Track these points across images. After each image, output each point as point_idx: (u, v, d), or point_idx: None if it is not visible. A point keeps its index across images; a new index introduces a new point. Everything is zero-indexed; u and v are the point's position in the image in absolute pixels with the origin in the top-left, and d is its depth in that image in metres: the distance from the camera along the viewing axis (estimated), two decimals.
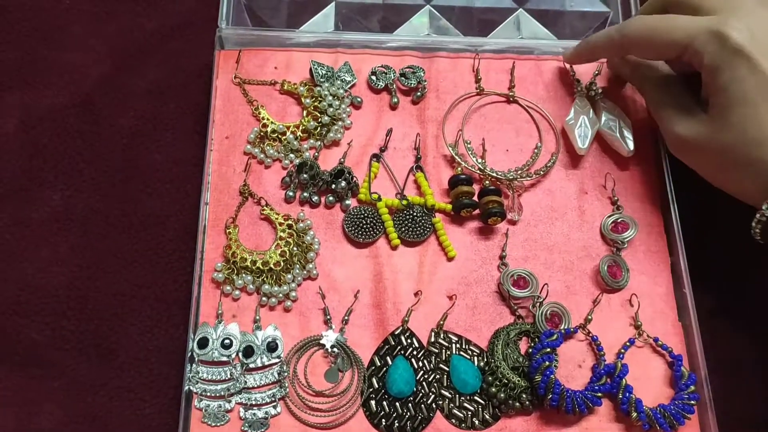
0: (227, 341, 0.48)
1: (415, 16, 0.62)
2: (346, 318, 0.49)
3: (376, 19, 0.62)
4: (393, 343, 0.49)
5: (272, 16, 0.61)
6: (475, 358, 0.49)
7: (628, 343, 0.50)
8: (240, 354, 0.47)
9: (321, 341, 0.48)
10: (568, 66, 0.58)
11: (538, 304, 0.50)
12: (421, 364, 0.48)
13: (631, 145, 0.54)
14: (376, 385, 0.48)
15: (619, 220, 0.53)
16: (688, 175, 0.51)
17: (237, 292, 0.50)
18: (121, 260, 0.52)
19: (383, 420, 0.47)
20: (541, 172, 0.54)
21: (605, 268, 0.51)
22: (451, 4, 0.63)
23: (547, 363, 0.47)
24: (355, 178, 0.53)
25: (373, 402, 0.47)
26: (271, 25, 0.61)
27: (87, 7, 0.60)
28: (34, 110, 0.56)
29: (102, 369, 0.49)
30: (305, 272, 0.50)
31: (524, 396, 0.47)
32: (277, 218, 0.51)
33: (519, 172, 0.54)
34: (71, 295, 0.51)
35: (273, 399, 0.47)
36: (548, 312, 0.50)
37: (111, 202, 0.54)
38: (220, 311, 0.49)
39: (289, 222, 0.51)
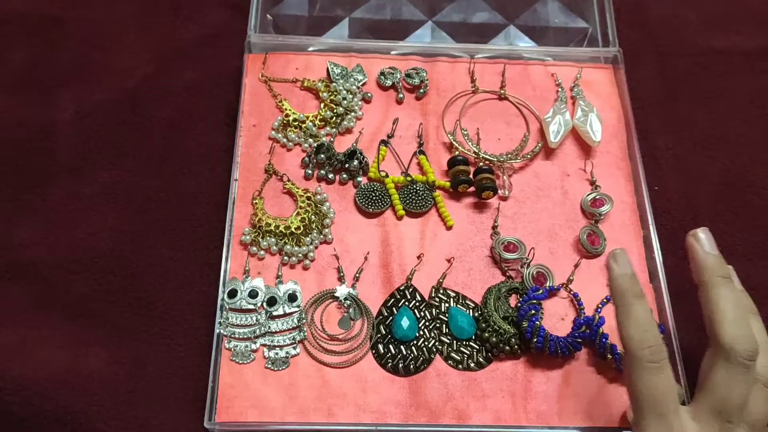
0: (253, 292, 0.54)
1: (418, 30, 0.71)
2: (357, 276, 0.56)
3: (384, 34, 0.71)
4: (398, 296, 0.56)
5: (293, 29, 0.70)
6: (470, 310, 0.56)
7: (605, 300, 0.56)
8: (264, 303, 0.54)
9: (335, 294, 0.55)
10: (551, 71, 0.67)
11: (525, 264, 0.57)
12: (422, 314, 0.55)
13: (598, 137, 0.62)
14: (384, 332, 0.54)
15: (597, 197, 0.60)
16: (658, 162, 0.60)
17: (262, 252, 0.57)
18: (159, 229, 0.59)
19: (390, 360, 0.53)
20: (528, 156, 0.62)
21: (585, 236, 0.58)
22: (450, 20, 0.72)
23: (533, 312, 0.54)
24: (366, 159, 0.60)
25: (380, 345, 0.54)
26: None
27: (133, 19, 0.70)
28: (87, 103, 0.64)
29: (142, 318, 0.56)
30: (322, 236, 0.57)
31: (513, 340, 0.54)
32: (297, 191, 0.59)
33: (509, 155, 0.62)
34: (117, 255, 0.58)
35: (293, 341, 0.53)
36: (534, 272, 0.57)
37: (151, 180, 0.61)
38: (247, 268, 0.56)
39: (308, 195, 0.59)
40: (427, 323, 0.55)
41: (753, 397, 0.46)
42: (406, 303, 0.55)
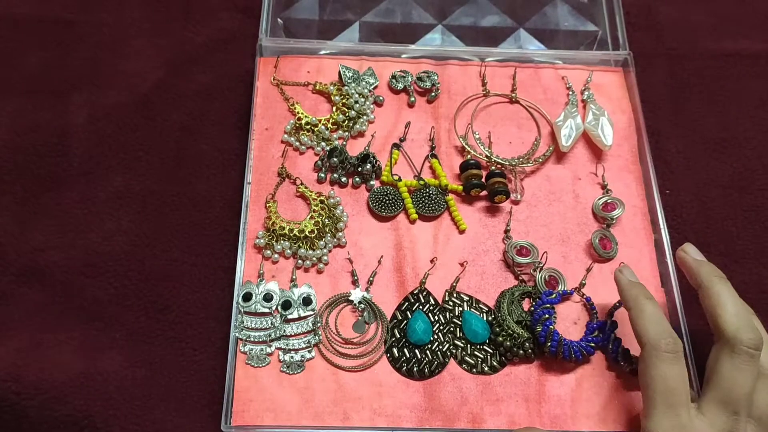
0: (268, 296, 0.55)
1: (428, 34, 0.71)
2: (371, 279, 0.57)
3: (394, 37, 0.71)
4: (412, 300, 0.56)
5: (304, 34, 0.70)
6: (484, 314, 0.56)
7: (617, 304, 0.56)
8: (279, 307, 0.55)
9: (350, 298, 0.55)
10: (561, 75, 0.67)
11: (538, 268, 0.57)
12: (436, 318, 0.55)
13: (610, 141, 0.62)
14: (398, 335, 0.55)
15: (608, 201, 0.60)
16: (669, 165, 0.61)
17: (276, 255, 0.57)
18: (173, 232, 0.60)
19: (404, 364, 0.54)
20: (540, 160, 0.62)
21: (597, 240, 0.59)
22: (460, 24, 0.72)
23: (547, 316, 0.54)
24: (378, 162, 0.61)
25: (395, 349, 0.54)
26: None
27: (145, 24, 0.70)
28: (100, 107, 0.65)
29: (157, 322, 0.56)
30: (335, 240, 0.58)
31: (527, 344, 0.54)
32: (310, 195, 0.59)
33: (521, 159, 0.62)
34: (131, 260, 0.58)
35: (308, 345, 0.54)
36: (547, 276, 0.57)
37: (165, 184, 0.62)
38: (261, 271, 0.56)
39: (321, 198, 0.59)
40: (441, 327, 0.55)
41: (760, 391, 0.47)
42: (420, 307, 0.56)
